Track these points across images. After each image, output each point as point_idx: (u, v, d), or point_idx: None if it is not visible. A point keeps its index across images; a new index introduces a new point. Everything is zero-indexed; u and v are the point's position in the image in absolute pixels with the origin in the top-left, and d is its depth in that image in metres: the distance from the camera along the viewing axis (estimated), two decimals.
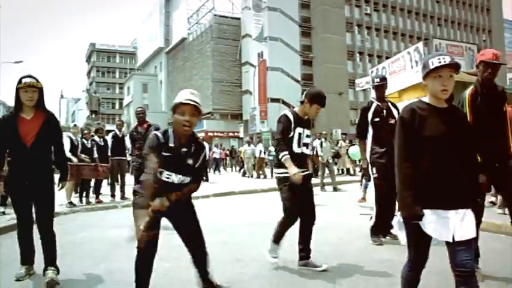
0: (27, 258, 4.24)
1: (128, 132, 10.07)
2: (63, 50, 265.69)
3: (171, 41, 57.26)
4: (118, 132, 10.25)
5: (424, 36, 47.30)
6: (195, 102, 3.00)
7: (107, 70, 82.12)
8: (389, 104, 5.50)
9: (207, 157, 11.77)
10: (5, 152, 4.22)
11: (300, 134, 4.33)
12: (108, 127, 29.09)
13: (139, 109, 8.25)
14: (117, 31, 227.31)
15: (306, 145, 4.40)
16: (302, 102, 4.39)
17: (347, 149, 18.19)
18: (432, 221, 2.48)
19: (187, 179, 3.12)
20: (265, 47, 41.29)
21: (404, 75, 15.67)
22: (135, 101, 60.14)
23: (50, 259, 4.05)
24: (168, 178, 3.07)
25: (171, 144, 3.04)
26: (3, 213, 7.62)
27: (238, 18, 45.88)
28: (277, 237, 4.33)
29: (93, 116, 27.30)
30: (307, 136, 4.43)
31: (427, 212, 2.48)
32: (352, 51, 46.89)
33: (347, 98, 40.53)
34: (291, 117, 4.32)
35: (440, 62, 2.47)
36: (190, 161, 3.09)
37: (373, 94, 5.75)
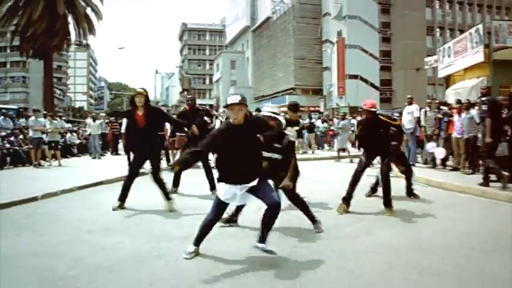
0: (123, 197, 6.31)
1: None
2: (157, 31, 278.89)
3: (257, 19, 59.86)
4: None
5: None
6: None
7: (198, 48, 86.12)
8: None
9: None
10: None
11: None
12: (199, 101, 32.54)
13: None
14: (208, 10, 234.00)
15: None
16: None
17: None
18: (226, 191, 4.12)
19: None
20: (344, 25, 42.74)
21: (465, 55, 17.44)
22: (223, 77, 64.47)
23: (164, 194, 6.32)
24: None
25: None
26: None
27: None
28: None
29: (185, 93, 30.47)
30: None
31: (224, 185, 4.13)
32: (432, 27, 46.97)
33: (425, 74, 41.02)
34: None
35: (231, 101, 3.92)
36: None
37: None
